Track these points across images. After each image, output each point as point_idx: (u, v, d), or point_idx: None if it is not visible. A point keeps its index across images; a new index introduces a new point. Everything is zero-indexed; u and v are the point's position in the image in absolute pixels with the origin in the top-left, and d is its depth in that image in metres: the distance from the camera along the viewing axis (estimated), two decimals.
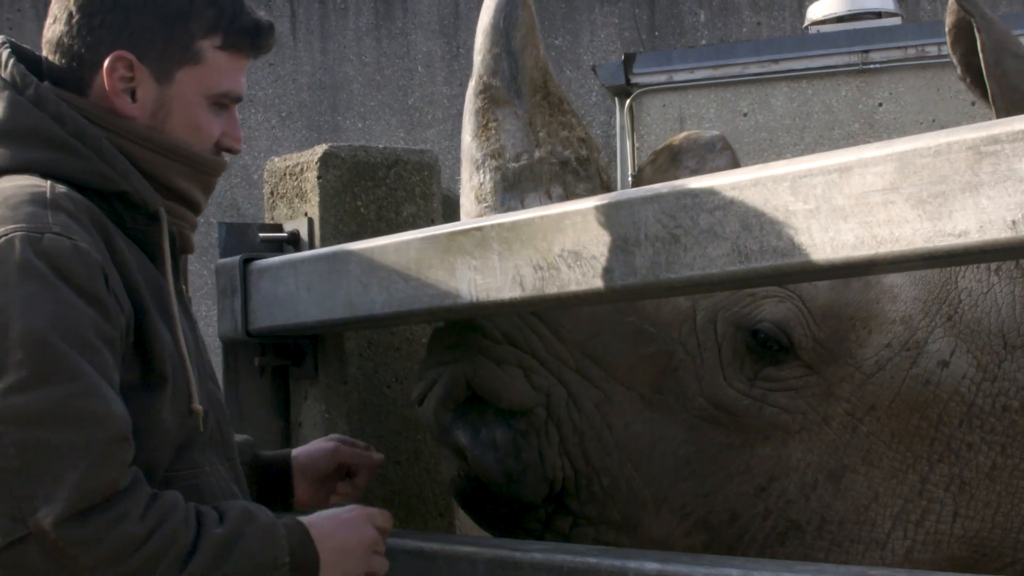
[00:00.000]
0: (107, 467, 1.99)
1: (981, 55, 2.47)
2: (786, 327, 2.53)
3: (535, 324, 2.58)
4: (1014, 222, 1.68)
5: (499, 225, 2.38)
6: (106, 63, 2.26)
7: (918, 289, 2.56)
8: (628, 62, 11.11)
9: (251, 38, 2.35)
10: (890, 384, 2.52)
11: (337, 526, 2.27)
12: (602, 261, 2.20)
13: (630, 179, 10.75)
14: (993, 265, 2.54)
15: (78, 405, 1.98)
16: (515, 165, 2.69)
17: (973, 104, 9.58)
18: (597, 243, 2.22)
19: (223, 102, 2.35)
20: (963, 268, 2.55)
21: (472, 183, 2.74)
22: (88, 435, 1.97)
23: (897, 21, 11.66)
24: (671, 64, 11.16)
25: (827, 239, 1.89)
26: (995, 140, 1.70)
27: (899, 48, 10.71)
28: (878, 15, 11.72)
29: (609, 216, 2.20)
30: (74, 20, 2.28)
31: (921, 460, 2.53)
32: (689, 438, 2.57)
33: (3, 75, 2.26)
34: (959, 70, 2.66)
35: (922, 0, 14.50)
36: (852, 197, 1.86)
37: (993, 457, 2.52)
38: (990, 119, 1.94)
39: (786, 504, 2.52)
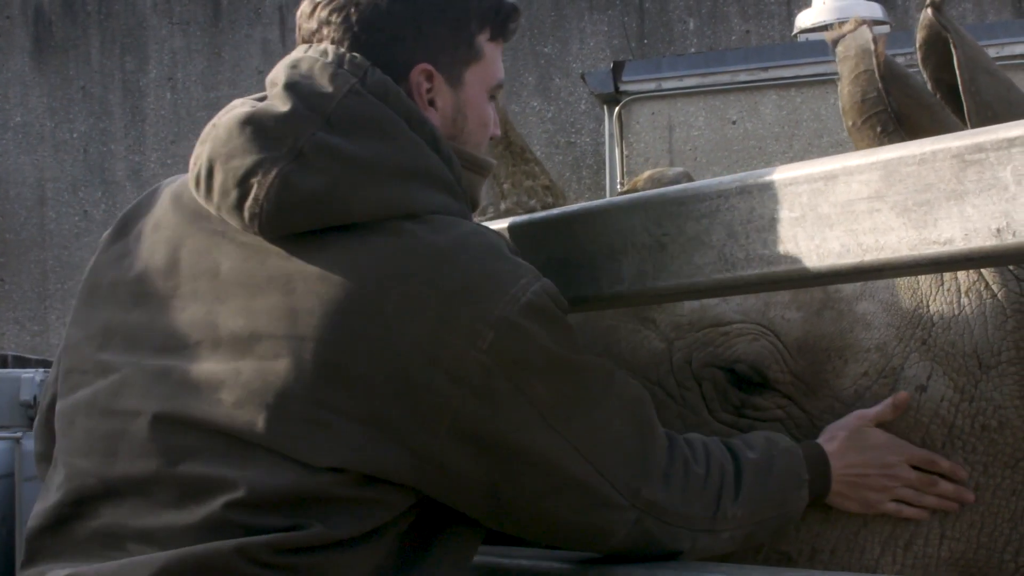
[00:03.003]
0: (659, 427, 2.23)
1: (958, 72, 2.47)
2: (760, 366, 2.53)
3: None
4: (999, 230, 1.68)
5: None
6: (412, 78, 2.23)
7: (891, 315, 2.56)
8: (617, 70, 11.10)
9: (511, 24, 2.35)
10: None
11: (857, 452, 2.45)
12: (589, 269, 2.20)
13: (618, 187, 10.74)
14: (963, 287, 2.54)
15: (639, 396, 2.22)
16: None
17: None
18: (584, 251, 2.22)
19: (495, 93, 2.36)
20: (933, 292, 2.55)
21: None
22: (644, 409, 2.21)
23: (886, 29, 11.67)
24: (660, 72, 11.15)
25: (813, 247, 1.90)
26: (980, 148, 1.70)
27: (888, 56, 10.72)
28: (866, 23, 11.74)
29: (596, 224, 2.21)
30: (362, 39, 2.21)
31: None
32: None
33: (392, 104, 2.16)
34: (930, 85, 2.67)
35: (911, 9, 14.52)
36: (838, 205, 1.86)
37: (976, 477, 2.52)
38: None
39: (778, 539, 2.52)
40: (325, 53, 2.18)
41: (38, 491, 3.27)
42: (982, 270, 2.52)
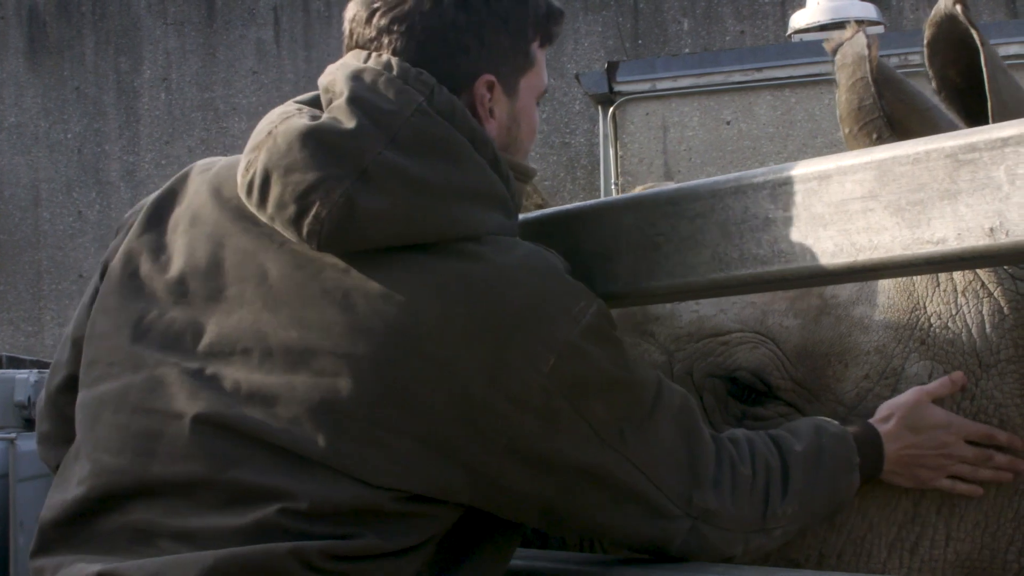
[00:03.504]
0: (705, 432, 2.21)
1: (985, 70, 2.46)
2: (762, 373, 2.54)
3: None
4: (992, 229, 1.68)
5: None
6: (476, 90, 2.19)
7: (888, 318, 2.56)
8: (611, 70, 11.11)
9: (558, 28, 2.32)
10: (872, 414, 2.53)
11: (912, 432, 2.45)
12: (583, 269, 2.20)
13: (613, 187, 10.74)
14: (960, 287, 2.54)
15: (685, 404, 2.20)
16: None
17: None
18: (578, 251, 2.22)
19: (540, 99, 2.33)
20: (930, 293, 2.55)
21: None
22: (690, 416, 2.19)
23: (880, 30, 11.68)
24: (654, 72, 11.16)
25: (807, 247, 1.90)
26: (973, 148, 1.70)
27: (882, 57, 10.71)
28: (861, 24, 11.74)
29: (590, 224, 2.21)
30: (427, 50, 2.15)
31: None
32: None
33: (458, 124, 2.09)
34: (935, 84, 2.67)
35: (905, 9, 14.55)
36: (831, 205, 1.87)
37: None
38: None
39: (784, 545, 2.52)
40: (390, 66, 2.11)
41: (32, 492, 3.25)
42: (978, 270, 2.52)
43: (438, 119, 2.07)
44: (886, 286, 2.59)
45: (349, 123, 2.03)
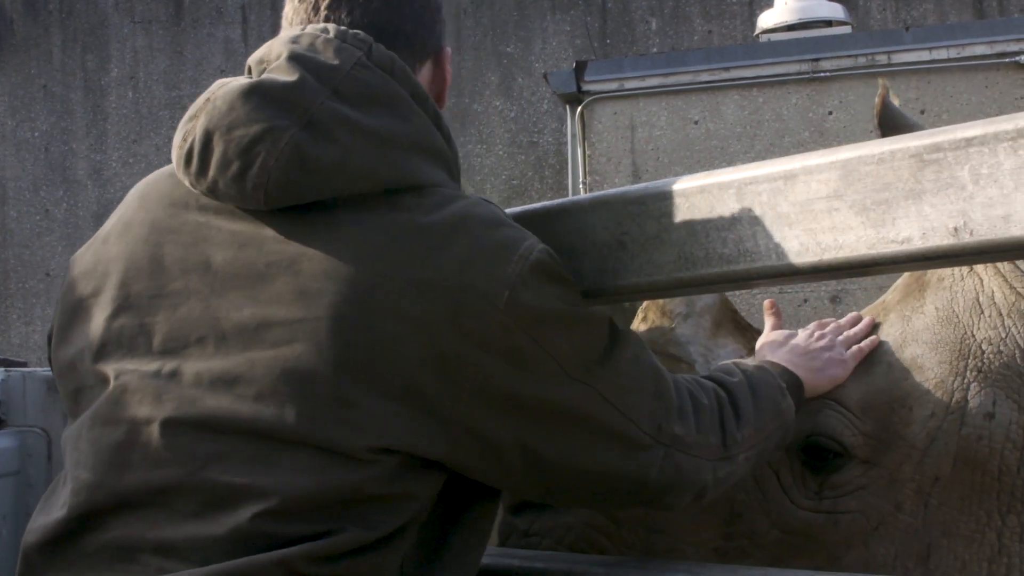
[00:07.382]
0: (663, 367, 2.25)
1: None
2: (835, 433, 2.59)
3: (590, 515, 2.64)
4: (956, 229, 1.70)
5: None
6: (443, 58, 2.34)
7: (940, 353, 2.58)
8: (579, 70, 11.10)
9: None
10: (946, 451, 2.54)
11: (791, 351, 2.70)
12: None
13: (581, 186, 10.74)
14: (1004, 309, 2.55)
15: (639, 339, 2.23)
16: None
17: (922, 112, 9.63)
18: None
19: None
20: (975, 320, 2.59)
21: None
22: (648, 352, 2.21)
23: (847, 30, 11.71)
24: (622, 72, 11.16)
25: (772, 246, 1.91)
26: (937, 148, 1.71)
27: (849, 56, 10.74)
28: (828, 24, 11.77)
29: (557, 223, 2.21)
30: (410, 15, 2.28)
31: (993, 516, 2.54)
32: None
33: (398, 78, 2.14)
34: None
35: (872, 9, 14.58)
36: (797, 204, 1.88)
37: None
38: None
39: None
40: (326, 30, 2.16)
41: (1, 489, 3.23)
42: (1018, 289, 2.53)
43: (379, 72, 2.12)
44: (930, 322, 2.62)
45: (291, 76, 2.06)
